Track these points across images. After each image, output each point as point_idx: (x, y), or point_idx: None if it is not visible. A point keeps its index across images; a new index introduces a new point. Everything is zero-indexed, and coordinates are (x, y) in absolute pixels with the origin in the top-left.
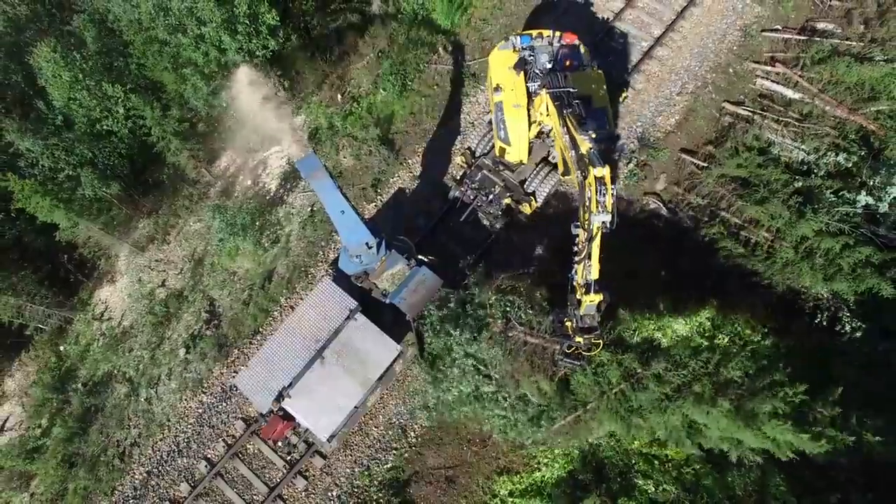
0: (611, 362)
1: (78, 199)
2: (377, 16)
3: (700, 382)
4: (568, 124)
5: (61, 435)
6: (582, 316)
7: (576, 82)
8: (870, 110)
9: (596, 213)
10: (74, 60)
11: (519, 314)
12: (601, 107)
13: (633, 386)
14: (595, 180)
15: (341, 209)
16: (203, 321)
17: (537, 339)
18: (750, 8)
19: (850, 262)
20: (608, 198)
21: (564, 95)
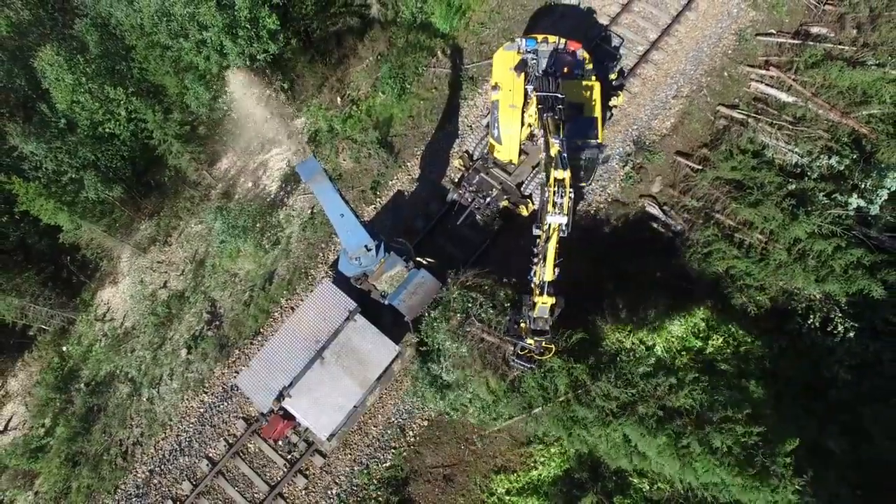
0: (561, 370)
1: (81, 201)
2: (376, 19)
3: (646, 403)
4: (546, 126)
5: (64, 434)
6: (535, 318)
7: (571, 90)
8: (862, 114)
9: (552, 214)
10: (77, 64)
11: (479, 311)
12: (592, 116)
13: (578, 398)
14: (555, 182)
15: (341, 212)
16: (204, 322)
17: (494, 337)
18: (744, 12)
19: (841, 263)
20: (566, 200)
21: (551, 99)
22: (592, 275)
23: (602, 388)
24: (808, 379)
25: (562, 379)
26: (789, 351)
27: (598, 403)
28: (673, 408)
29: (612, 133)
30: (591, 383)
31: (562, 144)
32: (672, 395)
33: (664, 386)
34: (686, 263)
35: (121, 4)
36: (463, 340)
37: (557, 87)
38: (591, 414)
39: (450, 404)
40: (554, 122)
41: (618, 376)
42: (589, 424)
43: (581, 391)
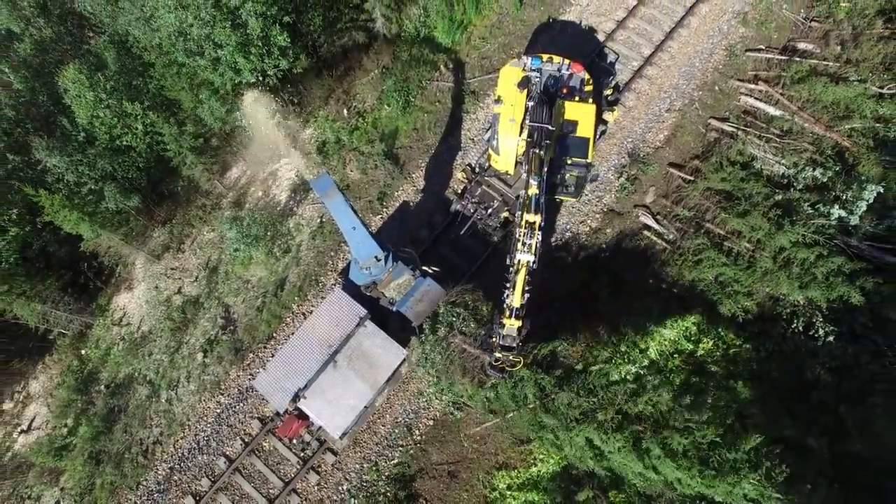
0: (529, 380)
1: (101, 211)
2: (381, 34)
3: (605, 411)
4: (530, 162)
5: (87, 434)
6: (504, 335)
7: (569, 109)
8: (844, 128)
9: (521, 252)
10: (98, 81)
11: (461, 325)
12: (585, 136)
13: (545, 406)
14: (526, 223)
15: (352, 225)
16: (219, 327)
17: (473, 349)
18: (735, 29)
19: (823, 271)
20: (534, 241)
21: (539, 133)
22: (588, 281)
23: (566, 397)
24: (792, 380)
25: (530, 388)
26: (775, 354)
27: (563, 411)
28: (633, 413)
29: (607, 146)
30: (556, 393)
31: (540, 186)
32: (631, 403)
33: (623, 394)
34: (678, 270)
35: (139, 23)
36: (446, 351)
37: (549, 119)
38: (555, 420)
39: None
40: (538, 160)
41: (582, 386)
42: (555, 429)
43: (547, 400)
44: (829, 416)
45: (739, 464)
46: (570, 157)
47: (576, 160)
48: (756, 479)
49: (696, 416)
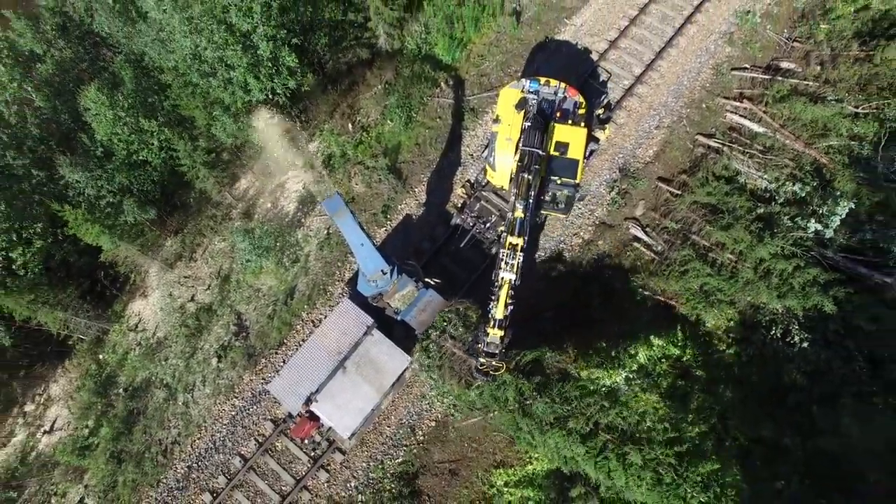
0: (510, 384)
1: (120, 224)
2: (384, 50)
3: (576, 419)
4: (518, 185)
5: (109, 434)
6: (487, 343)
7: (562, 132)
8: (822, 145)
9: (504, 270)
10: (117, 101)
11: (452, 330)
12: (575, 158)
13: (523, 409)
14: (510, 245)
15: (361, 242)
16: (232, 333)
17: (461, 353)
18: (721, 48)
19: (800, 281)
20: (516, 261)
21: (531, 157)
22: (580, 291)
23: (541, 403)
24: (771, 384)
25: (510, 392)
26: (756, 359)
27: (538, 415)
28: (604, 423)
29: (600, 161)
30: (534, 398)
31: (525, 210)
32: (602, 414)
33: (596, 405)
34: (666, 280)
35: (154, 45)
36: (438, 352)
37: (541, 144)
38: (531, 423)
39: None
40: (526, 185)
41: (558, 394)
42: (531, 431)
43: (525, 403)
44: (804, 417)
45: (689, 485)
46: (561, 178)
47: (565, 180)
48: (705, 499)
49: (658, 436)
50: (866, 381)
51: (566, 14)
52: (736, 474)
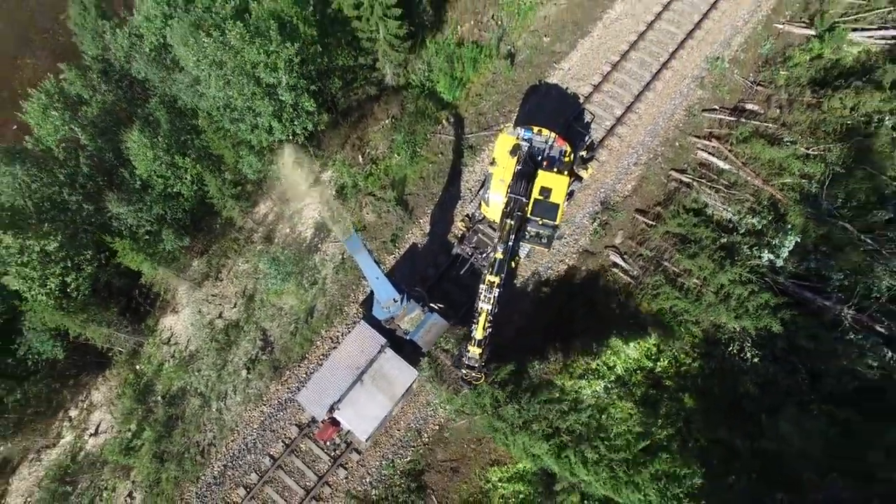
0: (488, 392)
1: (159, 251)
2: (391, 86)
3: (538, 423)
4: (502, 228)
5: (151, 437)
6: (469, 357)
7: (547, 178)
8: (778, 182)
9: (483, 302)
10: (157, 142)
11: (444, 344)
12: (556, 203)
13: (497, 413)
14: (488, 282)
15: (376, 276)
16: (259, 347)
17: (450, 364)
18: (693, 91)
19: (754, 304)
20: (493, 295)
21: (516, 203)
22: (566, 311)
23: (511, 409)
24: (728, 393)
25: (487, 399)
26: (717, 371)
27: (509, 419)
28: (563, 427)
29: (583, 196)
30: (506, 404)
31: (505, 252)
32: (561, 419)
33: (556, 412)
34: (640, 302)
35: (189, 91)
36: (433, 363)
37: (526, 192)
38: (504, 425)
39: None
40: (508, 229)
41: (527, 401)
42: (505, 432)
43: (500, 409)
44: (754, 422)
45: (642, 479)
46: (543, 219)
47: (546, 222)
48: (654, 489)
49: (615, 440)
50: (807, 392)
51: (555, 58)
52: (696, 470)
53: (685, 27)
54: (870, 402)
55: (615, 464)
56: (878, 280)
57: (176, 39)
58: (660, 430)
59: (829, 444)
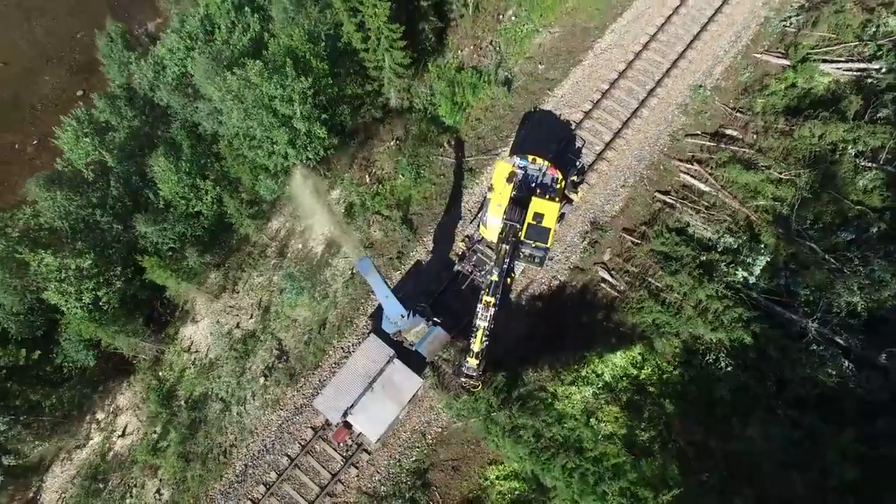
0: (483, 399)
1: (183, 268)
2: (395, 109)
3: (525, 429)
4: (498, 252)
5: (177, 439)
6: (467, 367)
7: (540, 205)
8: (753, 204)
9: (480, 319)
10: (180, 166)
11: (445, 353)
12: (548, 227)
13: (490, 418)
14: (485, 302)
15: (385, 294)
16: (275, 356)
17: (451, 371)
18: (677, 118)
19: (728, 318)
20: (489, 314)
21: (510, 229)
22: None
23: (502, 415)
24: (705, 399)
25: (482, 404)
26: (694, 379)
27: (500, 424)
28: (547, 436)
29: (574, 217)
30: (498, 410)
31: (500, 275)
32: (546, 429)
33: (542, 421)
34: (625, 315)
35: (209, 119)
36: (435, 372)
37: (520, 219)
38: (496, 428)
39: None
40: (503, 253)
41: (519, 408)
42: (496, 435)
43: (492, 414)
44: (727, 425)
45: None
46: (536, 242)
47: (539, 245)
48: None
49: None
50: (774, 397)
51: (549, 85)
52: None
53: (670, 57)
54: (829, 408)
55: (589, 474)
56: (838, 297)
57: (200, 73)
58: (643, 432)
59: (793, 445)
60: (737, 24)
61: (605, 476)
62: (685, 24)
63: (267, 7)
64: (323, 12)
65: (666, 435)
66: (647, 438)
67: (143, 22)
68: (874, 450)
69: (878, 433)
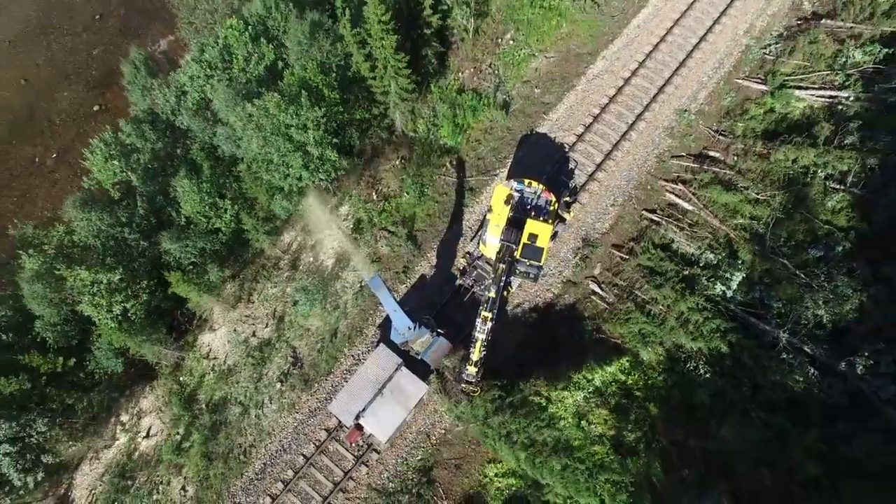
0: (480, 405)
1: (204, 281)
2: (400, 130)
3: (518, 434)
4: (496, 271)
5: (199, 440)
6: (467, 374)
7: (534, 226)
8: (732, 223)
9: (478, 332)
10: (203, 188)
11: (447, 360)
12: (541, 247)
13: (487, 423)
14: (483, 317)
15: (394, 309)
16: (290, 363)
17: (452, 378)
18: (664, 140)
19: (707, 328)
20: (487, 327)
21: (507, 249)
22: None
23: (498, 419)
24: (686, 402)
25: (480, 410)
26: (676, 384)
27: (496, 429)
28: (539, 440)
29: (567, 234)
30: (493, 416)
31: (497, 292)
32: (537, 433)
33: (533, 427)
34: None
35: (228, 142)
36: (439, 378)
37: (516, 240)
38: (492, 432)
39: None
40: (500, 272)
41: (513, 414)
42: (493, 438)
43: (488, 419)
44: (705, 426)
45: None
46: (530, 261)
47: (533, 263)
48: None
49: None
50: (749, 401)
51: (545, 109)
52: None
53: (658, 83)
54: (797, 411)
55: (579, 472)
56: (807, 309)
57: (220, 102)
58: (630, 433)
59: (764, 444)
60: (720, 51)
61: (594, 472)
62: (672, 52)
63: (281, 37)
64: (334, 45)
65: (650, 435)
66: (634, 439)
67: (157, 39)
68: (834, 449)
69: (838, 434)
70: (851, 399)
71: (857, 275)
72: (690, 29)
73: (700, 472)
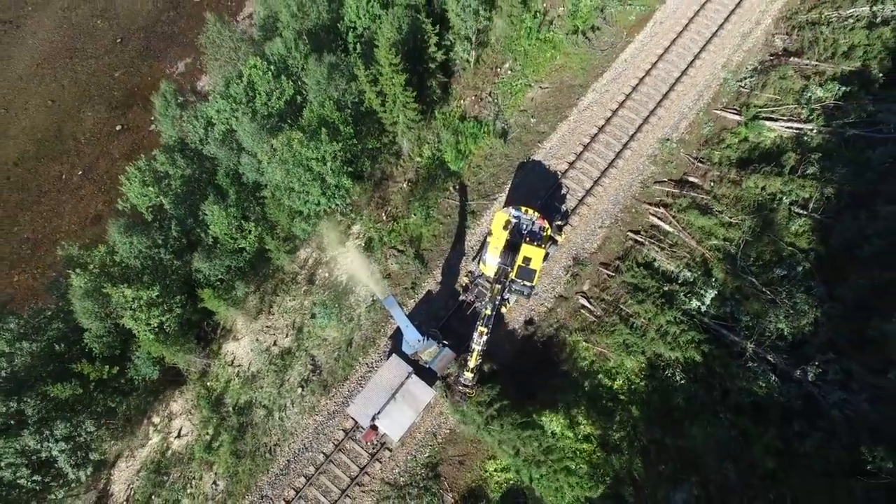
0: (474, 410)
1: (231, 296)
2: (407, 154)
3: (508, 443)
4: (492, 291)
5: (227, 440)
6: (464, 378)
7: (528, 250)
8: (707, 244)
9: (475, 343)
10: (230, 212)
11: (451, 370)
12: (534, 269)
13: (486, 427)
14: (479, 332)
15: (406, 325)
16: (309, 370)
17: (452, 382)
18: (647, 167)
19: (683, 340)
20: (483, 340)
21: (503, 271)
22: (544, 343)
23: (493, 426)
24: (664, 405)
25: (477, 416)
26: (656, 389)
27: (494, 433)
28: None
29: (559, 254)
30: (489, 423)
31: (492, 310)
32: (523, 445)
33: (524, 436)
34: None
35: (251, 170)
36: (443, 385)
37: (512, 263)
38: (489, 437)
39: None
40: (496, 292)
41: (507, 421)
42: (490, 441)
43: (483, 427)
44: (681, 426)
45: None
46: (524, 281)
47: (525, 283)
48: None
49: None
50: (719, 404)
51: (540, 138)
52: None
53: (643, 114)
54: (759, 413)
55: (559, 476)
56: (770, 323)
57: (246, 136)
58: (614, 432)
59: (729, 441)
60: (699, 84)
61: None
62: (655, 85)
63: (299, 73)
64: (349, 84)
65: (633, 435)
66: (618, 438)
67: (175, 61)
68: (789, 446)
69: (793, 433)
70: (805, 402)
71: (814, 293)
72: (673, 63)
73: (675, 467)
